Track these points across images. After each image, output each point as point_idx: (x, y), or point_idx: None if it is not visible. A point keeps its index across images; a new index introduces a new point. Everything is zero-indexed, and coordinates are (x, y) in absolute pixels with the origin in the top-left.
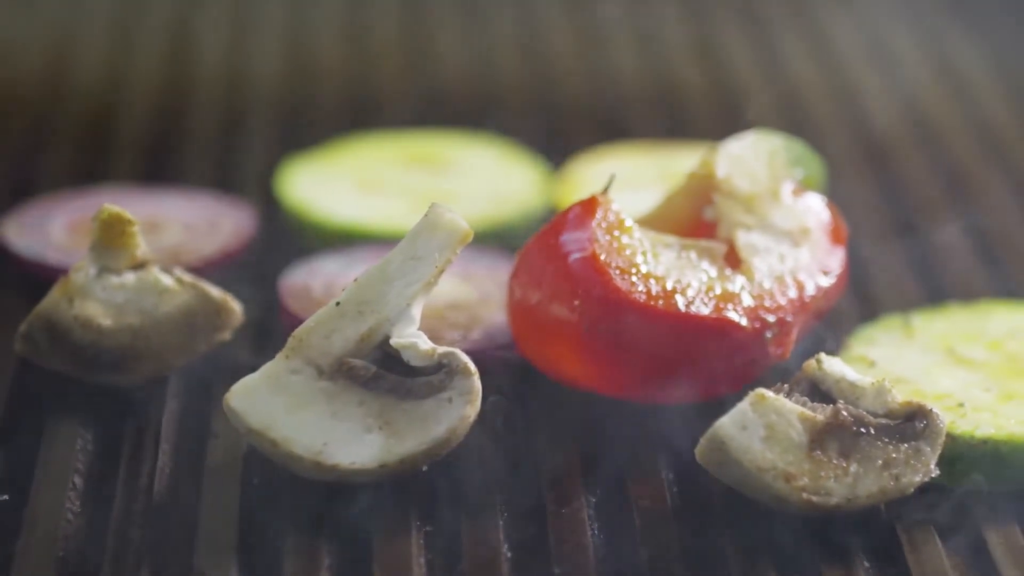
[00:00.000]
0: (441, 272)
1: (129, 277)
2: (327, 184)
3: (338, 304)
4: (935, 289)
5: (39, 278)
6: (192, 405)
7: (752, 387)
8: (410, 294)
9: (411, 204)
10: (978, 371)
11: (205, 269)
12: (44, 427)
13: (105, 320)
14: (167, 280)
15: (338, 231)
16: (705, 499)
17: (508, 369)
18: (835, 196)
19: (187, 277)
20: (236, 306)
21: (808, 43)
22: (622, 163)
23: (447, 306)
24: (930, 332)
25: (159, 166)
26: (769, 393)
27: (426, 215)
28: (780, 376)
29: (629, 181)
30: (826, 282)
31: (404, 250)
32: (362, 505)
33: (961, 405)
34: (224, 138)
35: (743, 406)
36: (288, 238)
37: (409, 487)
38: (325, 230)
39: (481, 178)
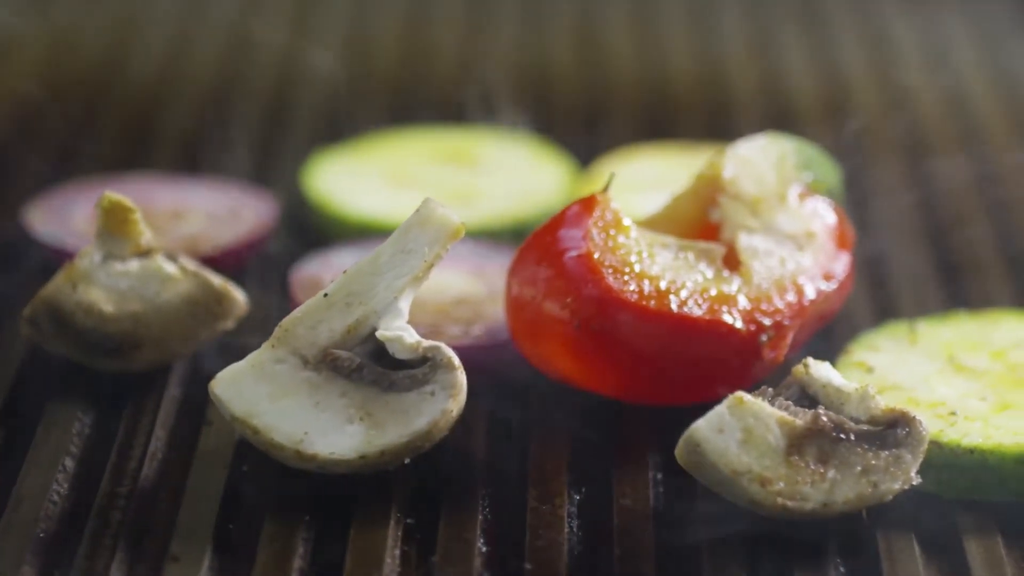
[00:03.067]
0: (431, 267)
1: (133, 264)
2: (355, 178)
3: (326, 295)
4: (957, 297)
5: (59, 264)
6: (193, 393)
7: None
8: (398, 287)
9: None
10: (977, 380)
11: (222, 258)
12: (44, 411)
13: (107, 306)
14: (170, 268)
15: (359, 224)
16: (688, 500)
17: (505, 365)
18: (872, 201)
19: (191, 265)
20: (238, 295)
21: (867, 48)
22: (653, 163)
23: (455, 302)
24: (935, 340)
25: (202, 156)
26: (748, 397)
27: (418, 210)
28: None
29: (658, 181)
30: (827, 287)
31: (395, 243)
32: (345, 495)
33: (953, 414)
34: (270, 131)
35: (720, 409)
36: (315, 230)
37: (394, 479)
38: (346, 223)
39: (509, 175)
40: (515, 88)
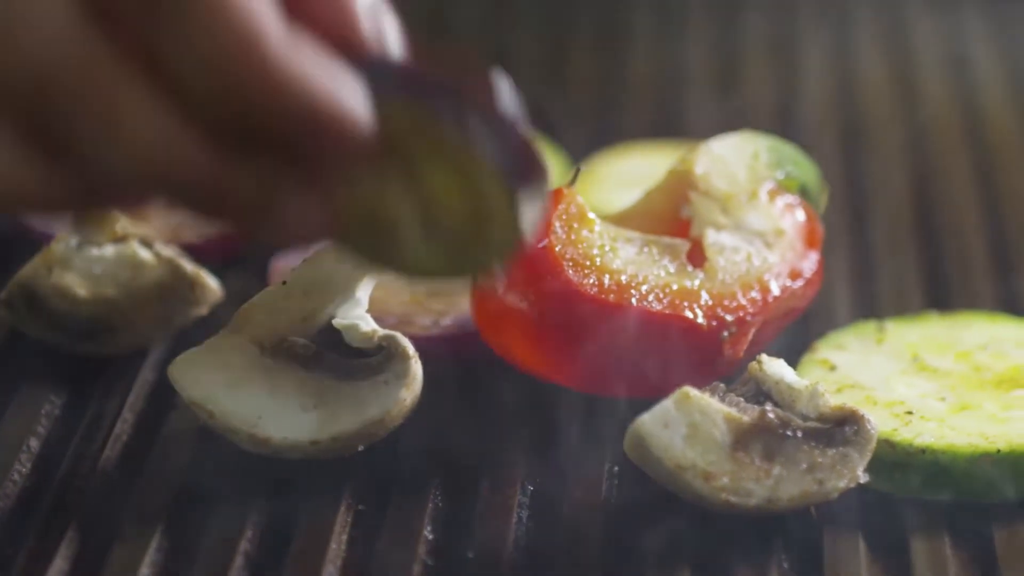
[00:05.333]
0: None
1: (109, 250)
2: None
3: (285, 283)
4: (941, 298)
5: None
6: (165, 378)
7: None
8: (357, 276)
9: None
10: (939, 380)
11: (207, 246)
12: (17, 392)
13: (81, 290)
14: (144, 254)
15: None
16: (640, 493)
17: (472, 356)
18: (867, 201)
19: (166, 252)
20: (212, 282)
21: (886, 50)
22: (646, 160)
23: (430, 293)
24: (902, 339)
25: None
26: (695, 392)
27: None
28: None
29: (649, 178)
30: (794, 285)
31: None
32: (300, 481)
33: (909, 413)
34: None
35: (667, 403)
36: None
37: (349, 466)
38: None
39: None
40: (531, 82)
